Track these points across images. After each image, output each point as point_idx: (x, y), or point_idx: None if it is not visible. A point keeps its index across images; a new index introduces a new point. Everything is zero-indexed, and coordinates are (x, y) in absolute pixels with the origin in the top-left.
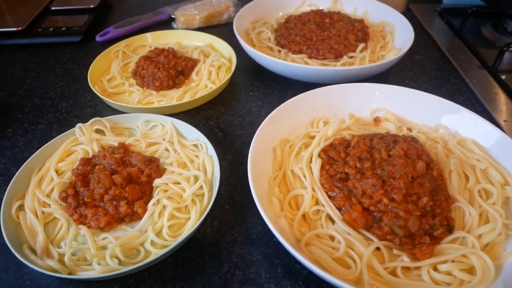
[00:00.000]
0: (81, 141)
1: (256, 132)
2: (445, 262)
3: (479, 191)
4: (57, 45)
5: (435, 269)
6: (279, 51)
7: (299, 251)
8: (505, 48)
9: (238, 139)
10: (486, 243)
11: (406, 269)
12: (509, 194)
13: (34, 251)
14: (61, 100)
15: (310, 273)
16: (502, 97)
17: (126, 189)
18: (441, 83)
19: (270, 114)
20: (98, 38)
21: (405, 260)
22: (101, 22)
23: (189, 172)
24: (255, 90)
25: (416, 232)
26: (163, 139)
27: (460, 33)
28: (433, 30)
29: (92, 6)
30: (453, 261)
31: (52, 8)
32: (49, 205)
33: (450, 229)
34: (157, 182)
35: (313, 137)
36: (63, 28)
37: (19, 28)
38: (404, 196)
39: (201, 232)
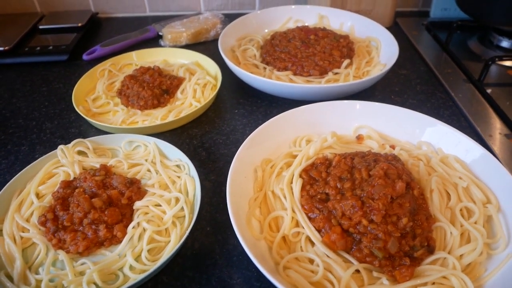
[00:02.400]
0: (63, 163)
1: (235, 155)
2: (425, 284)
3: (461, 210)
4: (44, 64)
5: None
6: (265, 68)
7: (276, 275)
8: (490, 62)
9: (221, 159)
10: (468, 263)
11: None
12: (491, 212)
13: (11, 278)
14: (46, 120)
15: None
16: (487, 111)
17: (106, 212)
18: (426, 98)
19: (250, 135)
20: (85, 57)
21: (385, 283)
22: (90, 40)
23: (170, 194)
24: (240, 108)
25: (395, 254)
26: (146, 160)
27: (446, 47)
28: (420, 44)
29: (80, 25)
30: (433, 283)
31: (40, 27)
32: (28, 230)
33: (431, 250)
34: (137, 204)
35: (295, 156)
36: (50, 47)
37: (6, 48)
38: (383, 217)
39: (181, 255)
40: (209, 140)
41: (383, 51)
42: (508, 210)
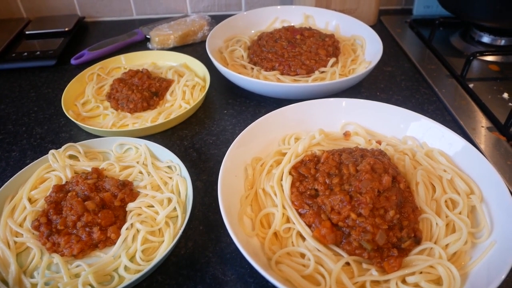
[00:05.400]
0: (55, 167)
1: (226, 155)
2: (413, 274)
3: (445, 201)
4: (32, 69)
5: (404, 281)
6: (252, 68)
7: (269, 270)
8: (472, 57)
9: (212, 159)
10: (453, 252)
11: (375, 282)
12: (474, 203)
13: (6, 283)
14: (36, 125)
15: None
16: (470, 105)
17: (99, 215)
18: (411, 93)
19: (240, 135)
20: (73, 61)
21: (374, 273)
22: (77, 44)
23: (162, 194)
24: (230, 108)
25: (384, 246)
26: (137, 162)
27: (429, 44)
28: (403, 41)
29: (66, 29)
30: (420, 273)
31: (27, 32)
32: (22, 234)
33: (417, 241)
34: (130, 206)
35: (284, 154)
36: (38, 52)
37: None
38: (371, 210)
39: (175, 254)
40: (199, 141)
41: (368, 49)
42: (490, 200)
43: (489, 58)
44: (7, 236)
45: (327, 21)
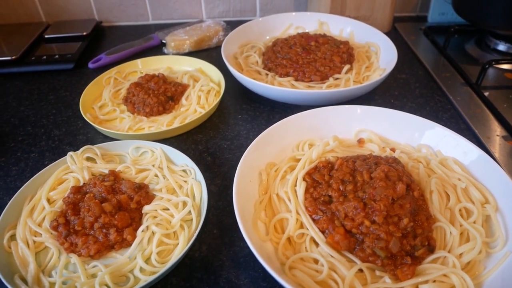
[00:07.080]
0: (73, 169)
1: (241, 160)
2: (426, 282)
3: (460, 210)
4: (51, 72)
5: None
6: (267, 74)
7: (283, 275)
8: (487, 65)
9: (226, 163)
10: (467, 261)
11: None
12: (489, 212)
13: (25, 281)
14: (54, 127)
15: None
16: (485, 114)
17: (116, 216)
18: (425, 101)
19: (254, 140)
20: (90, 65)
21: (387, 281)
22: (94, 48)
23: (177, 198)
24: (244, 113)
25: (397, 253)
26: (153, 165)
27: (444, 51)
28: (418, 48)
29: (84, 33)
30: (434, 281)
31: (46, 36)
32: (41, 234)
33: (431, 249)
34: (146, 208)
35: (298, 160)
36: (56, 56)
37: (13, 57)
38: (385, 218)
39: (189, 257)
40: (214, 145)
41: (382, 56)
42: (506, 209)
43: (505, 66)
44: (26, 236)
45: (341, 28)
